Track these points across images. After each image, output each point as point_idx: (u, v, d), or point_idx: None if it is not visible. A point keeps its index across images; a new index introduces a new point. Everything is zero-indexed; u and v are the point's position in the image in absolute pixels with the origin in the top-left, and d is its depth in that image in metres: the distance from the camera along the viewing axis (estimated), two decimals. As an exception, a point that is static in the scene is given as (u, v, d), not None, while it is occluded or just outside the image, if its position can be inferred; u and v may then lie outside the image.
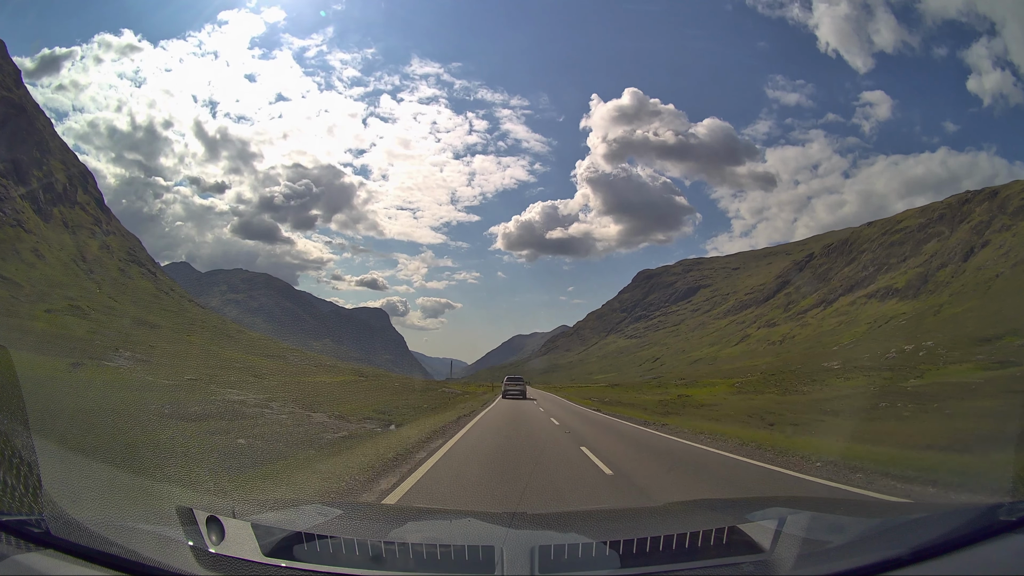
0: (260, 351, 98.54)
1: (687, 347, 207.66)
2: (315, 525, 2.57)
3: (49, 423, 8.42)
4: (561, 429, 17.70)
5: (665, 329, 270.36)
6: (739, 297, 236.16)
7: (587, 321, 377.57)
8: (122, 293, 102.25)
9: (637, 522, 3.10)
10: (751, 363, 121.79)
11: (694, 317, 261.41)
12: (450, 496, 6.72)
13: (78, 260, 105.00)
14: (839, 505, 3.90)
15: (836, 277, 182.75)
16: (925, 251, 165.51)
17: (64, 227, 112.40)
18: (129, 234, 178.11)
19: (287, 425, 13.55)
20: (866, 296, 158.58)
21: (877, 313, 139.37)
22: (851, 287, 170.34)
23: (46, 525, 1.89)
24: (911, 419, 19.55)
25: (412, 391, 40.02)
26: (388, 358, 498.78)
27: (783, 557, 1.87)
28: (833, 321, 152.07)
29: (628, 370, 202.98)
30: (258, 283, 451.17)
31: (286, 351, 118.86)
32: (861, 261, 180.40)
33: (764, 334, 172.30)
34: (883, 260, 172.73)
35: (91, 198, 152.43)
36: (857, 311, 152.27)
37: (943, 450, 10.91)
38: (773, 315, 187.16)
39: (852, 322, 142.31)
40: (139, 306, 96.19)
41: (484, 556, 2.12)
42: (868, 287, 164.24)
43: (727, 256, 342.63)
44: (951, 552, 1.76)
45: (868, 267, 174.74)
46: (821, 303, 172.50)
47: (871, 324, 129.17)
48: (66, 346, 36.39)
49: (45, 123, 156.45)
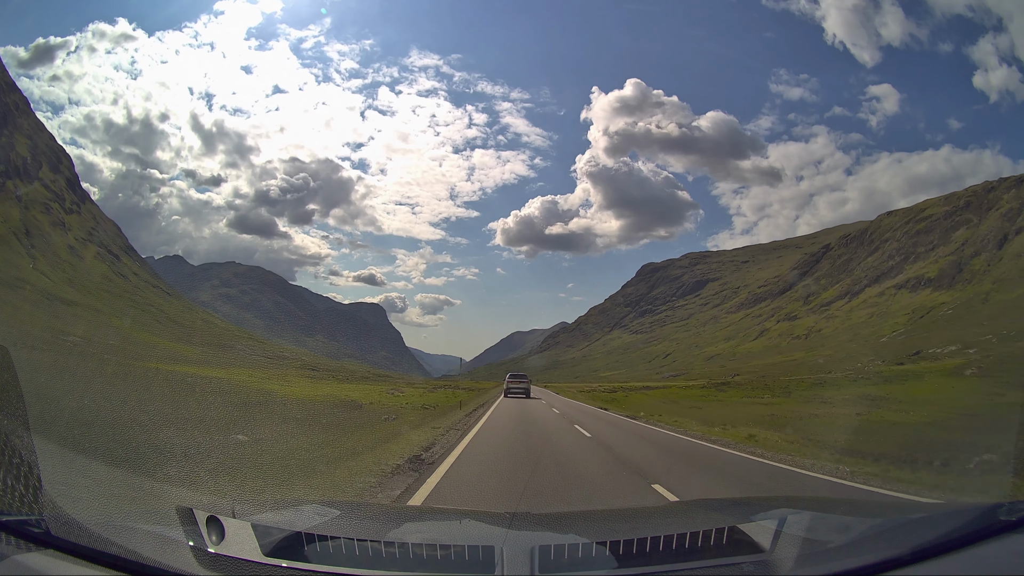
0: (204, 340, 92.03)
1: (700, 342, 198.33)
2: (315, 525, 2.54)
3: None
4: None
5: (673, 324, 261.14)
6: (752, 290, 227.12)
7: (589, 316, 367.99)
8: (59, 271, 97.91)
9: (637, 522, 3.06)
10: (782, 359, 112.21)
11: (704, 311, 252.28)
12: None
13: (20, 233, 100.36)
14: (839, 505, 3.79)
15: (859, 268, 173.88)
16: (954, 239, 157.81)
17: (15, 200, 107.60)
18: (106, 220, 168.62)
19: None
20: (895, 287, 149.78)
21: (913, 304, 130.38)
22: (877, 277, 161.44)
23: (46, 525, 1.87)
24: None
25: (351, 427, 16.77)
26: (384, 355, 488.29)
27: (783, 557, 1.86)
28: (863, 313, 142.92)
29: (637, 366, 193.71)
30: (251, 277, 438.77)
31: (237, 340, 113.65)
32: (885, 251, 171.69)
33: (785, 328, 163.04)
34: (909, 249, 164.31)
35: (61, 178, 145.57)
36: (887, 302, 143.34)
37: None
38: (792, 308, 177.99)
39: (885, 314, 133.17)
40: (75, 286, 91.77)
41: (484, 556, 2.11)
42: (896, 277, 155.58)
43: (735, 250, 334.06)
44: (951, 552, 1.75)
45: (894, 256, 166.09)
46: (845, 294, 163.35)
47: (910, 315, 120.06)
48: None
49: (20, 101, 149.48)
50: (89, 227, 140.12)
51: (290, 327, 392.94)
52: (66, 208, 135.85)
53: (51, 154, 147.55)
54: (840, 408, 25.44)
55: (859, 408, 24.30)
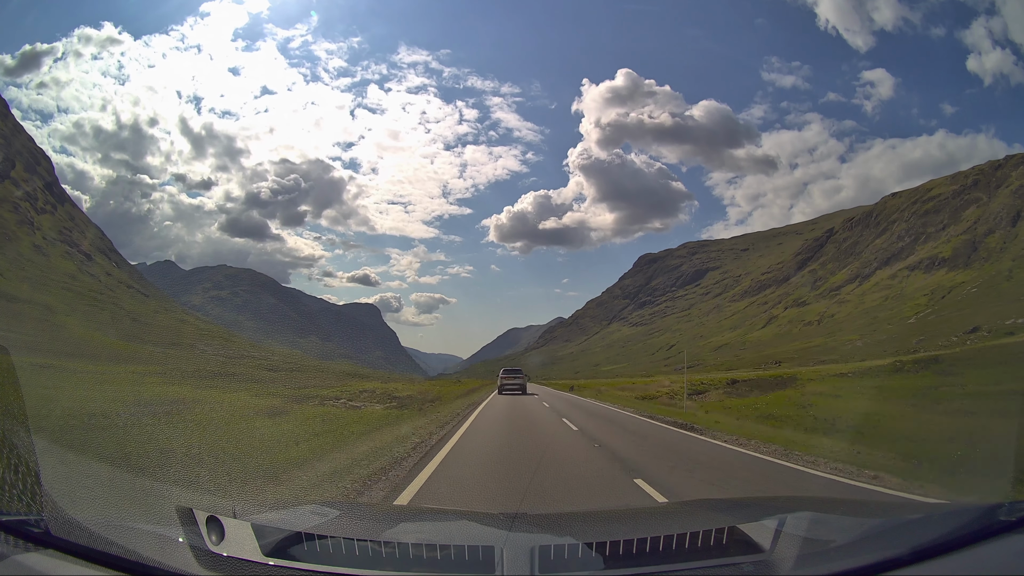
0: (161, 339, 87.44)
1: (704, 332, 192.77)
2: (315, 525, 2.53)
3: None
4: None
5: (674, 314, 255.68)
6: (755, 277, 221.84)
7: (586, 310, 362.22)
8: (18, 268, 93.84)
9: (637, 523, 3.05)
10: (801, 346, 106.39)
11: (705, 301, 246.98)
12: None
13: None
14: (839, 505, 3.77)
15: (867, 250, 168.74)
16: (965, 218, 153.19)
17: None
18: (87, 222, 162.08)
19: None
20: (907, 268, 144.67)
21: (930, 284, 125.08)
22: (887, 259, 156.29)
23: (46, 525, 1.87)
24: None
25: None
26: (380, 355, 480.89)
27: (783, 557, 1.86)
28: (876, 296, 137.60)
29: (640, 359, 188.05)
30: (242, 280, 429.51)
31: (206, 339, 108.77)
32: (894, 232, 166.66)
33: (795, 314, 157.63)
34: (919, 230, 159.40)
35: (38, 180, 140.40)
36: (901, 284, 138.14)
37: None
38: (799, 294, 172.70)
39: (901, 296, 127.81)
40: (32, 283, 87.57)
41: (484, 556, 2.09)
42: (907, 258, 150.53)
43: (733, 238, 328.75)
44: (951, 552, 1.75)
45: (903, 238, 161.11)
46: (855, 278, 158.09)
47: (929, 296, 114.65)
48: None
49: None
50: (62, 227, 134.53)
51: (283, 329, 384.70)
52: (37, 208, 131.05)
53: (28, 156, 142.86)
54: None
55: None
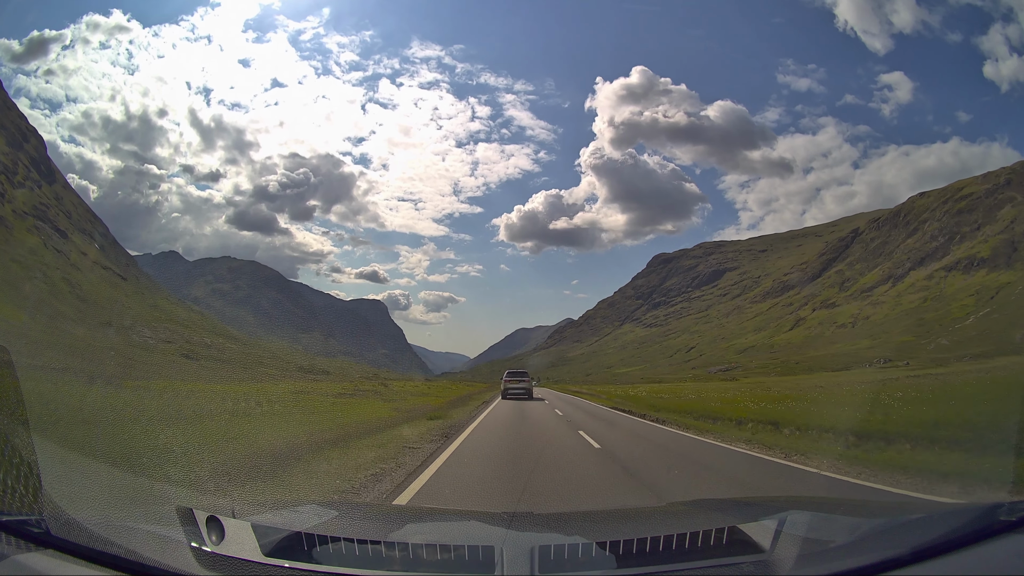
0: (107, 321, 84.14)
1: (725, 334, 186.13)
2: (315, 525, 2.54)
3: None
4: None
5: (691, 315, 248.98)
6: (777, 278, 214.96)
7: (597, 310, 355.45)
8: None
9: (638, 522, 3.05)
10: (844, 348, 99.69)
11: (724, 302, 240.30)
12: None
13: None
14: (839, 505, 3.77)
15: (898, 251, 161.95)
16: (1001, 217, 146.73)
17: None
18: (79, 204, 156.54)
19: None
20: (944, 268, 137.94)
21: (972, 285, 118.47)
22: (921, 260, 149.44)
23: (46, 525, 1.87)
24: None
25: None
26: (385, 353, 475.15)
27: (783, 557, 1.85)
28: (913, 297, 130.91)
29: (658, 361, 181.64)
30: (246, 273, 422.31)
31: (161, 324, 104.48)
32: (926, 232, 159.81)
33: (824, 316, 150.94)
34: (953, 229, 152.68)
35: (24, 156, 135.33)
36: (939, 285, 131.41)
37: None
38: (827, 295, 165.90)
39: (942, 297, 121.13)
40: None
41: (484, 556, 2.09)
42: (943, 259, 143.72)
43: (750, 239, 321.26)
44: (951, 552, 1.74)
45: (937, 237, 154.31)
46: (888, 279, 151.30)
47: (975, 296, 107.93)
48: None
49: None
50: (38, 203, 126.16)
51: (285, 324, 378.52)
52: (14, 182, 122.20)
53: (15, 131, 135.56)
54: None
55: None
